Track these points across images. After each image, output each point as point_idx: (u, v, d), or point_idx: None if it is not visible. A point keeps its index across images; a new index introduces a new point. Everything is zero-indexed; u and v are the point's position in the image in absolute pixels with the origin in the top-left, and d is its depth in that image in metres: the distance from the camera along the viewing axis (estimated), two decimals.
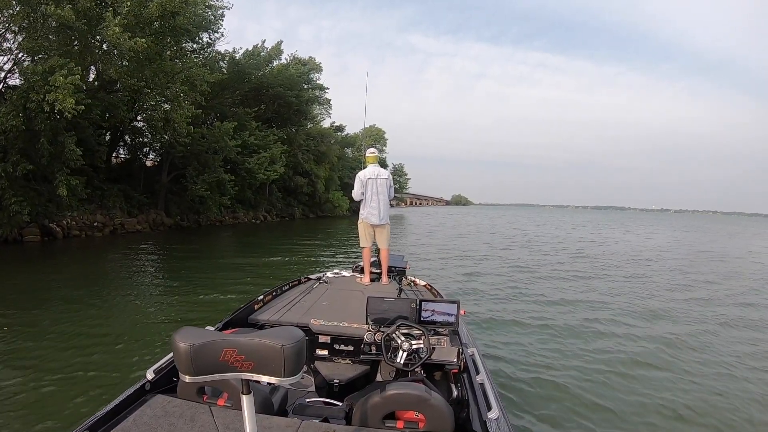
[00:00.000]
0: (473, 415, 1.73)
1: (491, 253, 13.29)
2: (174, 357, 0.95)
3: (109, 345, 4.23)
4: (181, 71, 15.46)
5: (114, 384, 3.28)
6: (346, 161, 39.93)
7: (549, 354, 4.40)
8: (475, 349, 2.26)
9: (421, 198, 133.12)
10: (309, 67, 30.08)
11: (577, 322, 5.65)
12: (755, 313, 6.64)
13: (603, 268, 10.80)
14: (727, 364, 4.38)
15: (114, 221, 15.17)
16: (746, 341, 5.23)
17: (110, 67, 13.10)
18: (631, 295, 7.54)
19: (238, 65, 23.97)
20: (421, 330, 2.24)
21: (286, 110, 28.20)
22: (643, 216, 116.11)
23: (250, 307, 2.92)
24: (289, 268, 9.69)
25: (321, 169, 32.35)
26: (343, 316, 2.78)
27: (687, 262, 13.21)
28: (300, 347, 0.93)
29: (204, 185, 18.39)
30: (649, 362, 4.30)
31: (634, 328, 5.50)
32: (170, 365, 1.90)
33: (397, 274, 4.19)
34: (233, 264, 9.78)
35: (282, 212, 28.91)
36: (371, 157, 4.42)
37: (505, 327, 5.33)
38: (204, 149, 18.67)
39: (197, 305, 5.99)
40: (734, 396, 3.63)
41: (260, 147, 23.04)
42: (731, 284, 9.30)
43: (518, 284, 8.20)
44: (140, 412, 1.52)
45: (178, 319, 5.22)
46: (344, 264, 9.19)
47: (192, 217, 19.77)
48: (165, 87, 14.83)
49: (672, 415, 3.26)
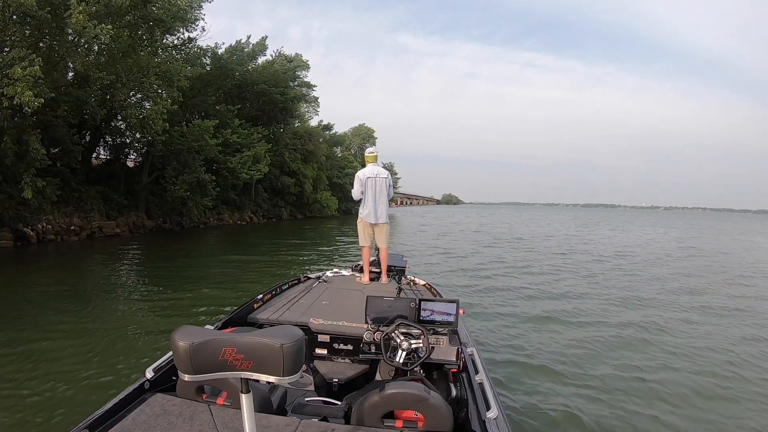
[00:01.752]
0: (472, 415, 1.75)
1: (481, 251, 13.45)
2: (173, 356, 0.96)
3: (82, 357, 4.05)
4: (157, 65, 15.05)
5: (85, 404, 3.10)
6: (335, 160, 39.84)
7: (549, 354, 4.47)
8: (474, 349, 2.30)
9: (412, 197, 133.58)
10: (295, 63, 29.90)
11: (577, 322, 5.77)
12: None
13: (604, 268, 10.99)
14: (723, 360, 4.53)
15: (92, 224, 14.83)
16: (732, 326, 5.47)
17: (77, 59, 12.65)
18: (632, 296, 7.62)
19: (221, 61, 23.64)
20: (420, 329, 2.27)
21: (271, 108, 27.98)
22: (632, 213, 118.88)
23: (249, 306, 2.93)
24: (275, 272, 9.53)
25: (309, 168, 32.17)
26: (342, 315, 2.80)
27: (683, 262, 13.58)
28: (299, 346, 0.94)
29: (184, 186, 17.92)
30: (649, 362, 4.37)
31: (631, 328, 5.59)
32: (169, 364, 1.92)
33: (396, 273, 4.24)
34: (214, 269, 9.55)
35: (269, 213, 28.67)
36: (371, 157, 4.47)
37: (505, 327, 5.40)
38: (184, 148, 18.24)
39: (171, 312, 5.72)
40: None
41: (243, 146, 22.72)
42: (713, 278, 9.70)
43: (517, 284, 8.29)
44: (139, 410, 1.54)
45: (154, 329, 4.94)
46: (338, 263, 9.20)
47: (175, 219, 19.42)
48: (139, 82, 14.39)
49: (673, 418, 3.29)
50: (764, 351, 4.85)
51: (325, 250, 13.46)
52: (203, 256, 11.67)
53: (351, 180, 20.71)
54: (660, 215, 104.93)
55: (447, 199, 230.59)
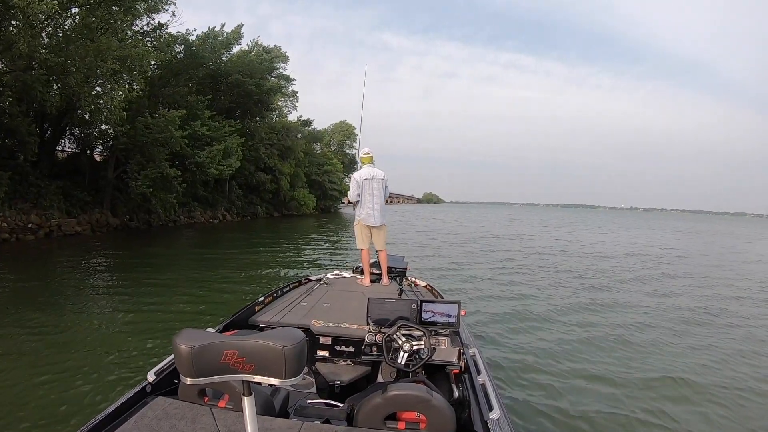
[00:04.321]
0: (474, 416, 1.81)
1: (473, 250, 13.67)
2: (175, 359, 0.98)
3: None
4: (117, 49, 14.08)
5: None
6: (314, 157, 39.40)
7: (550, 354, 4.57)
8: (476, 350, 2.37)
9: (393, 196, 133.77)
10: (273, 55, 29.34)
11: (578, 322, 5.93)
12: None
13: (610, 273, 11.21)
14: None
15: (51, 222, 14.18)
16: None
17: (20, 39, 11.71)
18: (635, 297, 7.81)
19: (192, 48, 22.87)
20: (421, 331, 2.34)
21: (246, 100, 27.36)
22: (612, 214, 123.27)
23: (250, 308, 2.97)
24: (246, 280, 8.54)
25: (286, 165, 31.73)
26: (343, 317, 2.86)
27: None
28: (301, 348, 0.97)
29: (146, 181, 16.98)
30: (655, 363, 4.49)
31: (636, 328, 5.74)
32: (171, 367, 1.94)
33: (397, 274, 4.32)
34: (179, 275, 8.70)
35: (243, 211, 28.16)
36: (366, 158, 4.49)
37: (506, 327, 5.50)
38: (149, 141, 17.34)
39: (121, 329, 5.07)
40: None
41: (214, 139, 21.91)
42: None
43: (516, 284, 8.46)
44: (141, 414, 1.56)
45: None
46: (331, 267, 9.03)
47: (142, 217, 18.75)
48: (95, 66, 13.45)
49: (678, 418, 3.36)
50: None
51: (306, 251, 13.33)
52: (167, 261, 10.71)
53: (330, 177, 20.96)
54: (639, 216, 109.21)
55: (428, 198, 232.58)
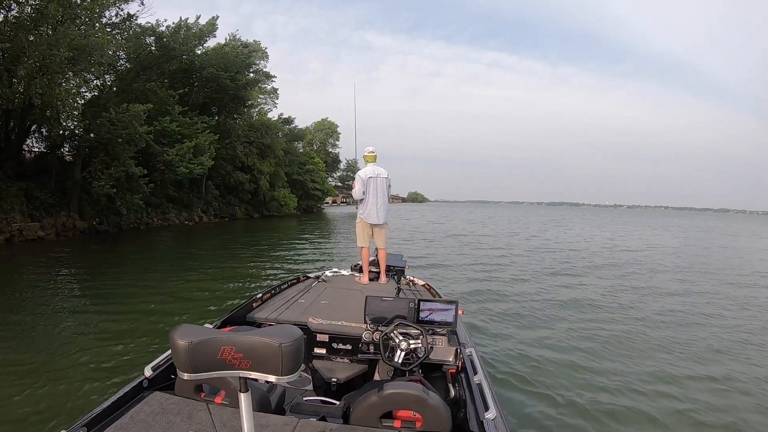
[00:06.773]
0: (470, 415, 1.83)
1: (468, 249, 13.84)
2: (172, 354, 0.99)
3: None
4: (75, 38, 13.43)
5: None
6: (295, 156, 39.09)
7: (547, 355, 4.66)
8: (473, 350, 2.44)
9: None
10: (251, 49, 28.85)
11: (574, 321, 6.07)
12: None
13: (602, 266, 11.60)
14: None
15: (12, 227, 13.63)
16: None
17: None
18: (634, 296, 7.97)
19: (163, 40, 22.17)
20: (419, 329, 2.39)
21: (221, 96, 26.90)
22: (596, 211, 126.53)
23: (248, 305, 3.00)
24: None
25: (265, 164, 31.37)
26: (341, 315, 2.90)
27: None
28: (298, 346, 0.99)
29: (110, 181, 16.30)
30: (652, 362, 4.58)
31: (632, 326, 5.89)
32: (168, 362, 1.97)
33: (396, 273, 4.39)
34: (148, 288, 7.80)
35: (221, 212, 27.71)
36: (370, 156, 4.54)
37: (505, 328, 5.60)
38: (113, 138, 16.69)
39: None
40: None
41: (185, 136, 21.34)
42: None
43: (514, 285, 8.56)
44: (137, 408, 1.58)
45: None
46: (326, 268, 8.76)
47: (112, 220, 18.16)
48: (47, 56, 12.75)
49: (674, 417, 3.44)
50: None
51: (286, 255, 13.20)
52: (132, 268, 9.97)
53: (312, 177, 20.88)
54: (622, 213, 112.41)
55: (413, 197, 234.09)
